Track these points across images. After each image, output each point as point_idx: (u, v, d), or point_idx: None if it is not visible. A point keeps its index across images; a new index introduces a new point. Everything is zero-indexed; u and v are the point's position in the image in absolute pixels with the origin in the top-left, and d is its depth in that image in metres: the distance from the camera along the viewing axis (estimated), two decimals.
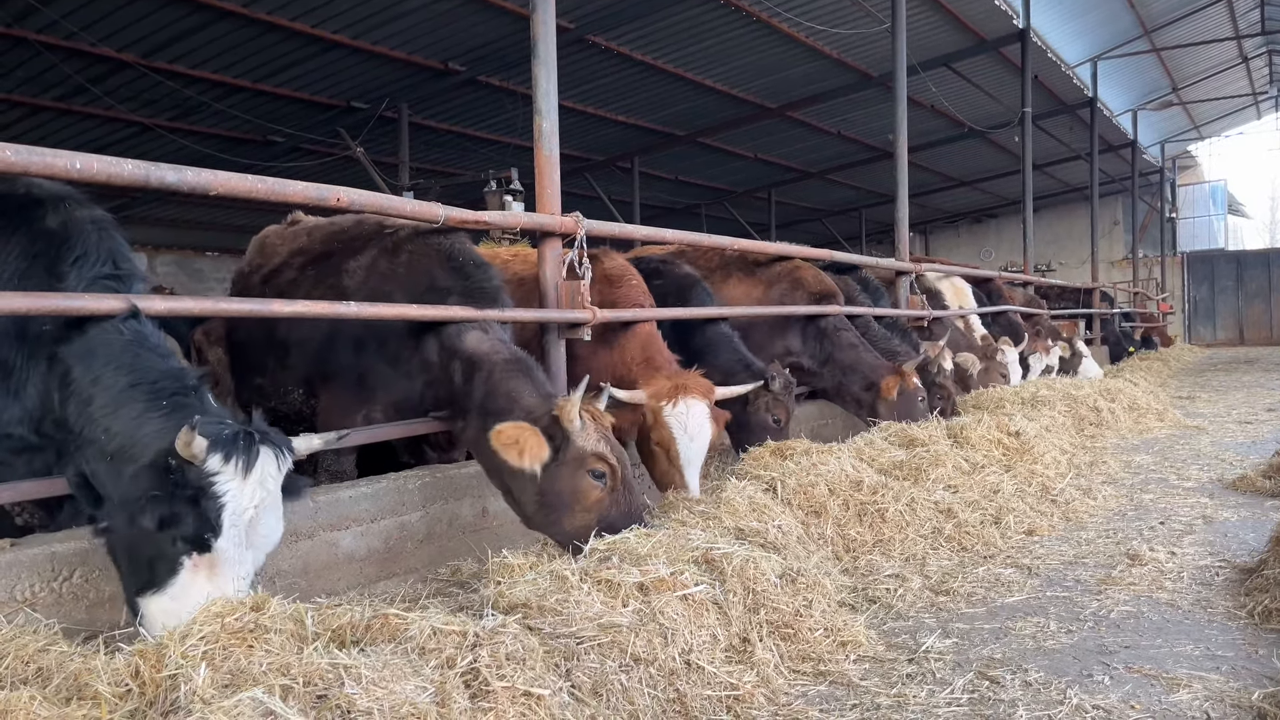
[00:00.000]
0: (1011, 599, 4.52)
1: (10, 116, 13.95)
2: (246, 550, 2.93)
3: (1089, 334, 19.80)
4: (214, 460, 2.84)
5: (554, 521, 4.03)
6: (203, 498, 2.83)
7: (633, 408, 5.09)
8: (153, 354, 3.25)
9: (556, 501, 3.98)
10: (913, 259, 11.06)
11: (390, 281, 4.82)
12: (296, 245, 5.53)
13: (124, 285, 3.43)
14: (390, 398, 4.79)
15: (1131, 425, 10.37)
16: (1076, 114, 22.72)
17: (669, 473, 5.13)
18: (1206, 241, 37.89)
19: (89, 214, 3.53)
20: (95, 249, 3.44)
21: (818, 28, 14.97)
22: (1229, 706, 3.24)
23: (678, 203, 26.97)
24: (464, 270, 4.80)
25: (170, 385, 3.15)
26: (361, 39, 13.24)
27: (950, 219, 36.32)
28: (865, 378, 7.57)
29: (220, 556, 2.87)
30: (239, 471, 2.87)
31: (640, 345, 5.60)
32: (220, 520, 2.84)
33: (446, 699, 2.56)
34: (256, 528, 2.95)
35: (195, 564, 2.87)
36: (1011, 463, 6.79)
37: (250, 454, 2.90)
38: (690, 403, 5.13)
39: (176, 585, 2.87)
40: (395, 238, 5.00)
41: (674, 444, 5.12)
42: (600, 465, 3.99)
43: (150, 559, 2.91)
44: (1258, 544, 5.26)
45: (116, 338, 3.23)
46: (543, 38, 5.36)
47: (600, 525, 3.96)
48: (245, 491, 2.89)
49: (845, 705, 3.32)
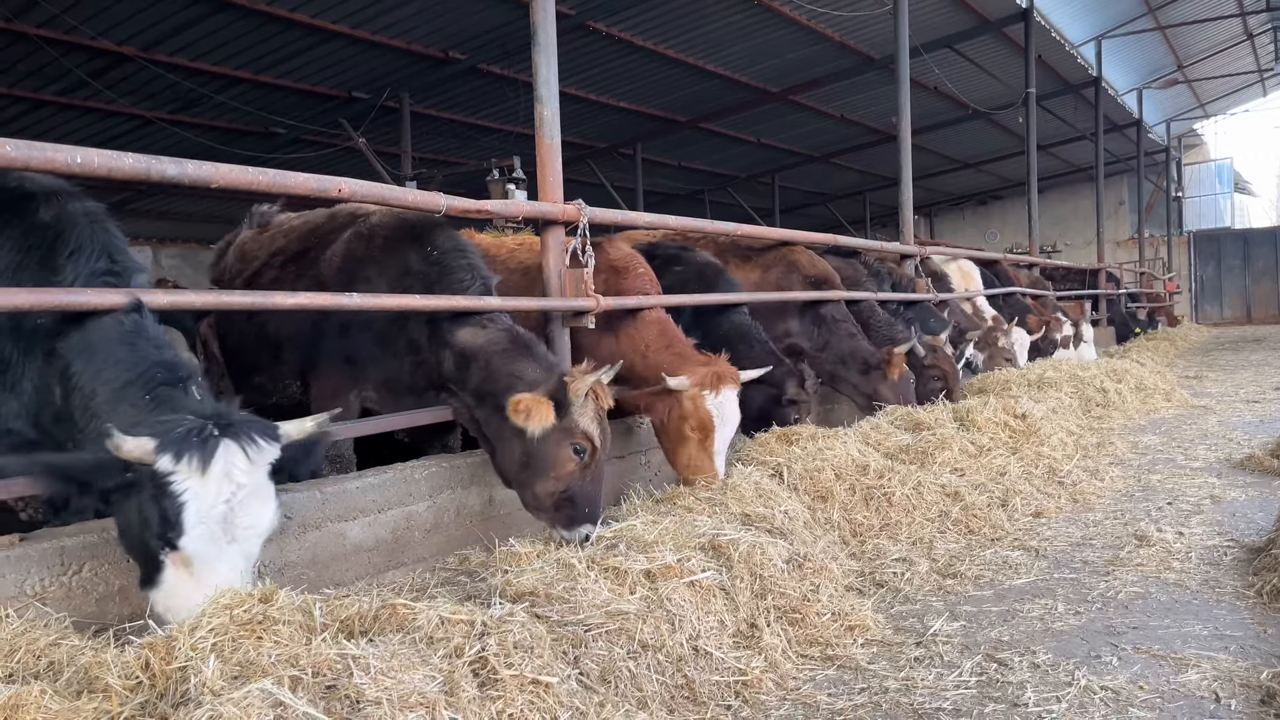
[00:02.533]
0: (1019, 581, 4.52)
1: (12, 111, 13.95)
2: (230, 544, 2.85)
3: (1095, 315, 19.73)
4: (164, 460, 2.77)
5: (526, 481, 4.24)
6: (163, 497, 2.77)
7: (666, 393, 5.13)
8: (150, 345, 3.21)
9: (536, 463, 4.18)
10: (918, 242, 11.02)
11: (367, 266, 4.86)
12: (275, 247, 5.58)
13: (121, 279, 3.40)
14: (380, 375, 4.87)
15: (1139, 406, 10.34)
16: (1081, 94, 22.57)
17: (698, 458, 5.14)
18: (1213, 220, 37.65)
19: (82, 207, 3.48)
20: (90, 243, 3.39)
21: (819, 10, 14.88)
22: (1237, 686, 3.24)
23: (681, 189, 26.87)
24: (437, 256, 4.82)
25: (161, 376, 3.11)
26: (362, 29, 13.20)
27: (955, 201, 36.16)
28: (863, 361, 7.58)
29: (192, 555, 2.80)
30: (194, 469, 2.77)
31: (658, 333, 5.60)
32: (182, 520, 2.77)
33: (455, 688, 2.56)
34: (235, 521, 2.85)
35: (174, 561, 2.83)
36: (1018, 445, 6.78)
37: (206, 449, 2.80)
38: (728, 391, 5.22)
39: (165, 582, 2.84)
40: (369, 222, 5.05)
41: (712, 431, 5.16)
42: (583, 442, 4.17)
43: (142, 555, 2.90)
44: (1266, 523, 5.25)
45: (115, 330, 3.19)
46: (543, 24, 5.33)
47: (564, 498, 4.18)
48: (208, 488, 2.79)
49: (854, 689, 3.32)
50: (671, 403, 5.14)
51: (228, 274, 5.87)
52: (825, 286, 7.91)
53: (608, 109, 18.63)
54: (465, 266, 4.81)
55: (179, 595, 2.83)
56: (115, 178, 3.28)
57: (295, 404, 5.16)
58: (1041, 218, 21.53)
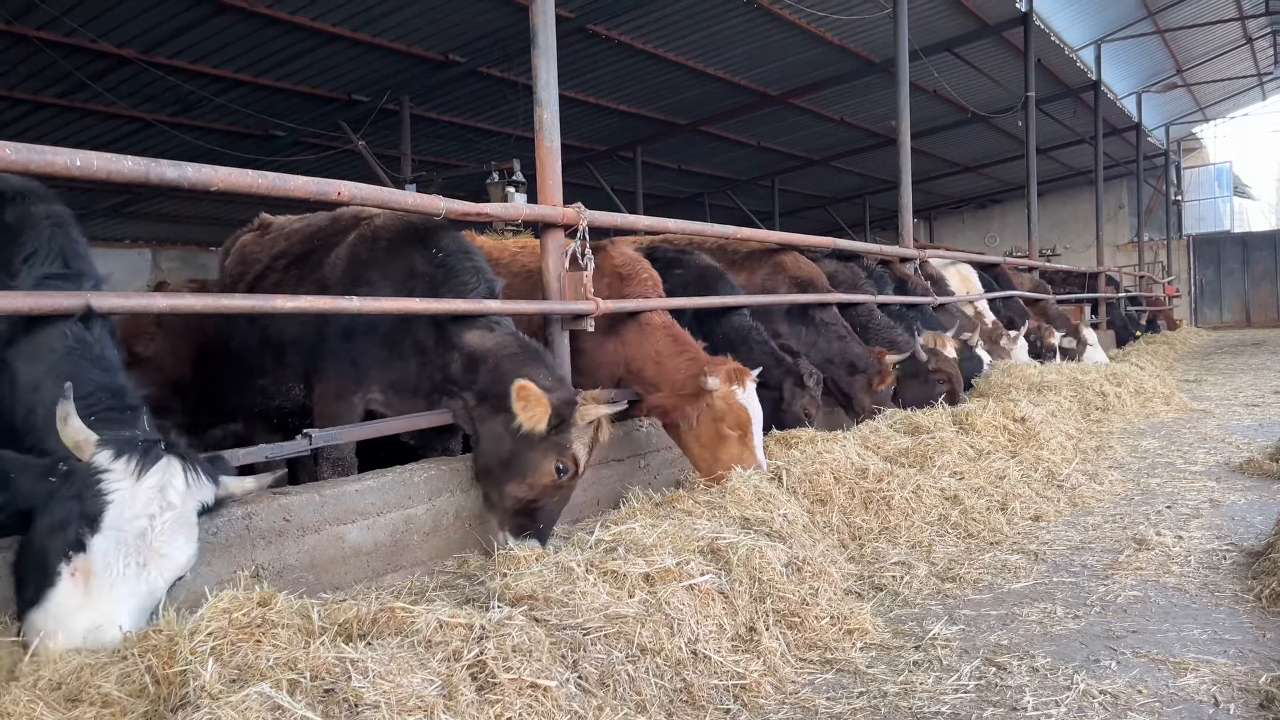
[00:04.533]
0: (1018, 585, 4.52)
1: (12, 114, 13.95)
2: (139, 569, 2.67)
3: (1094, 318, 19.74)
4: (102, 455, 2.67)
5: (500, 478, 4.28)
6: (86, 494, 2.64)
7: (697, 396, 5.18)
8: (93, 365, 3.05)
9: (517, 464, 4.21)
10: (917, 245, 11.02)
11: (371, 269, 4.86)
12: (277, 249, 5.56)
13: (72, 284, 3.22)
14: (386, 378, 4.86)
15: (1138, 409, 10.34)
16: (1080, 97, 22.58)
17: (742, 453, 5.19)
18: (1212, 224, 37.65)
19: (46, 209, 3.36)
20: (47, 246, 3.26)
21: (819, 14, 14.90)
22: (1236, 690, 3.23)
23: (680, 192, 26.88)
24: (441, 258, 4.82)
25: (105, 402, 2.96)
26: (361, 31, 13.21)
27: (954, 205, 36.19)
28: (850, 365, 7.59)
29: (98, 561, 2.63)
30: (130, 472, 2.68)
31: (670, 339, 5.62)
32: (101, 519, 2.63)
33: (453, 691, 2.57)
34: (152, 542, 2.69)
35: (74, 572, 2.63)
36: (1017, 448, 6.78)
37: (148, 457, 2.70)
38: (751, 385, 5.35)
39: (54, 599, 2.63)
40: (372, 224, 5.04)
41: (750, 424, 5.24)
42: (569, 463, 4.21)
43: (38, 568, 2.69)
44: (1265, 527, 5.25)
45: (60, 343, 3.05)
46: (542, 27, 5.34)
47: (526, 507, 4.22)
48: (138, 496, 2.68)
49: (852, 693, 3.32)
50: (701, 405, 5.18)
51: (230, 276, 5.85)
52: (811, 288, 7.94)
53: (608, 112, 18.64)
54: (471, 269, 4.81)
55: (67, 616, 2.62)
56: (115, 180, 3.28)
57: (299, 407, 5.15)
58: (1041, 221, 21.53)
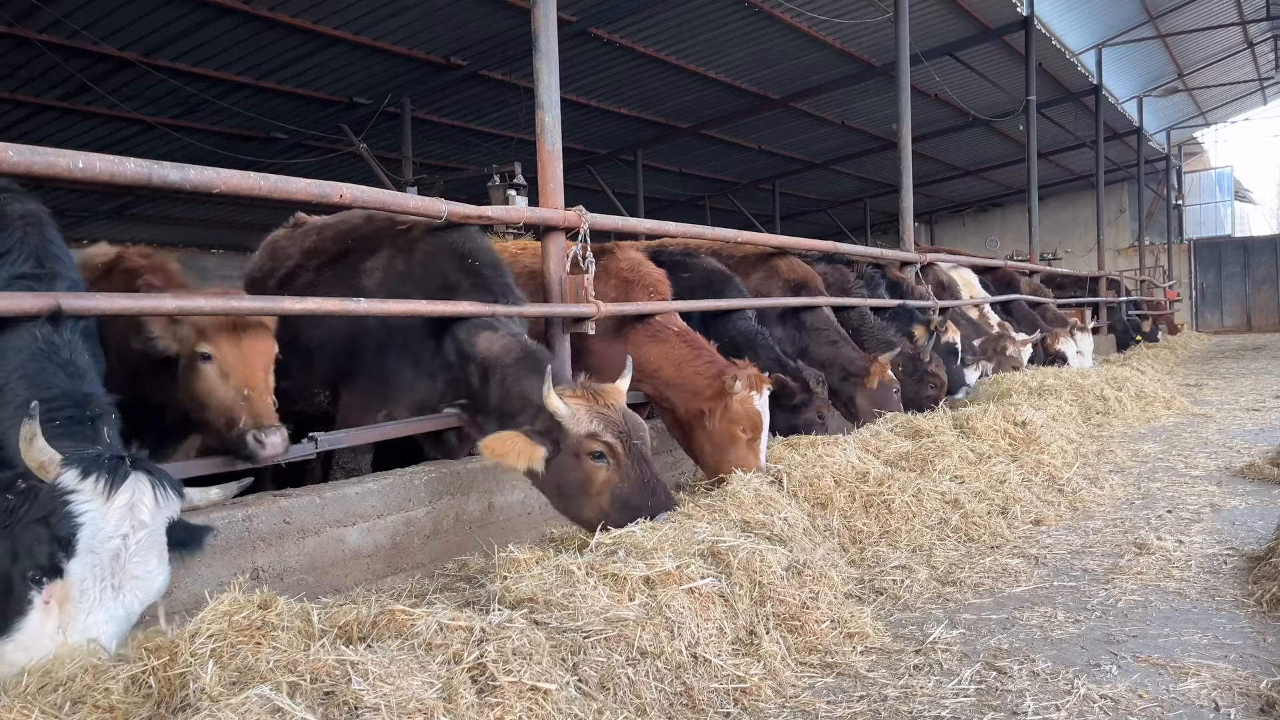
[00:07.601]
0: (1019, 589, 4.51)
1: (14, 116, 13.96)
2: (115, 592, 2.59)
3: (1095, 322, 19.73)
4: (68, 476, 2.57)
5: (574, 511, 4.13)
6: (54, 516, 2.54)
7: (718, 398, 5.21)
8: (59, 370, 2.97)
9: (569, 491, 4.06)
10: (918, 249, 11.02)
11: (408, 282, 4.82)
12: (308, 245, 5.49)
13: (44, 285, 3.14)
14: (414, 398, 4.80)
15: (1139, 413, 10.34)
16: (1081, 101, 22.61)
17: (746, 456, 5.24)
18: (1213, 228, 37.69)
19: (21, 208, 3.30)
20: (20, 245, 3.19)
21: (820, 18, 14.92)
22: (1237, 695, 3.23)
23: (681, 195, 26.90)
24: (476, 269, 4.81)
25: (67, 411, 2.87)
26: (363, 34, 13.23)
27: (955, 208, 36.21)
28: (842, 369, 7.60)
29: (75, 587, 2.53)
30: (100, 491, 2.59)
31: (687, 345, 5.64)
32: (75, 542, 2.53)
33: (453, 694, 2.56)
34: (126, 564, 2.61)
35: (47, 598, 2.54)
36: (1018, 452, 6.78)
37: (116, 475, 2.62)
38: (767, 391, 5.39)
39: (26, 627, 2.53)
40: (409, 236, 4.99)
41: (760, 429, 5.28)
42: (597, 445, 3.96)
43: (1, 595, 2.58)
44: (1266, 532, 5.25)
45: (30, 344, 2.98)
46: (544, 31, 5.35)
47: (614, 504, 3.97)
48: (109, 515, 2.59)
49: (853, 697, 3.32)
50: (719, 407, 5.20)
51: (260, 271, 5.70)
52: (805, 291, 7.95)
53: (609, 115, 18.66)
54: (502, 285, 4.80)
55: (40, 645, 2.51)
56: (118, 183, 3.29)
57: (322, 414, 5.09)
58: (1042, 225, 21.53)
